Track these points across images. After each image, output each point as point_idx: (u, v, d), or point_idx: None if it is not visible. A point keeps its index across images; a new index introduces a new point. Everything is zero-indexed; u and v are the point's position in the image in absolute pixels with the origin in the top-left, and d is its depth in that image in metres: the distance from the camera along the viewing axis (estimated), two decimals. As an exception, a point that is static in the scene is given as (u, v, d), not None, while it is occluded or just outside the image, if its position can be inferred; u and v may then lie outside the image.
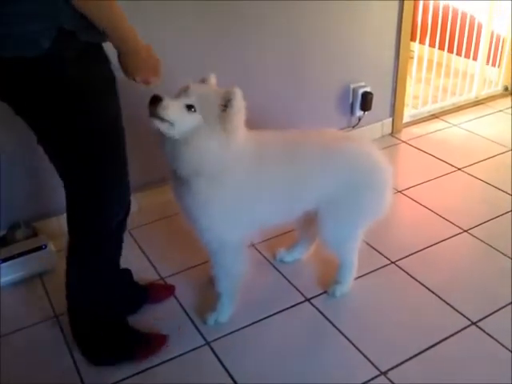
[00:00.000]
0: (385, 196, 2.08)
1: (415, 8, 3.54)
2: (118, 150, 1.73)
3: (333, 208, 2.04)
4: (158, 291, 2.28)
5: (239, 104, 1.74)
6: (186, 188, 1.85)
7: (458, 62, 4.19)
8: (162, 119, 1.71)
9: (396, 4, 3.29)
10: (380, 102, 3.50)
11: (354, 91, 3.36)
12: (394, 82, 3.53)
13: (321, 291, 2.29)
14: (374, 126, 3.58)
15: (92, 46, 1.57)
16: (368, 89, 3.37)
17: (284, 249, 2.48)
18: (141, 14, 2.46)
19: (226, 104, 1.73)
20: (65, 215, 2.10)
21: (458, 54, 4.17)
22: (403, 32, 3.37)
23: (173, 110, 1.71)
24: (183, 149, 1.75)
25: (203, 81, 1.85)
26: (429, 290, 2.29)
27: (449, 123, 3.85)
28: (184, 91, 1.76)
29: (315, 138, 2.04)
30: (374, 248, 2.52)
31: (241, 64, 2.89)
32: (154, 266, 2.47)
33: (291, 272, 2.41)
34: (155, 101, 1.69)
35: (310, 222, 2.19)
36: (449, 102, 4.04)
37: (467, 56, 4.19)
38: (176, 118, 1.71)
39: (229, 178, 1.84)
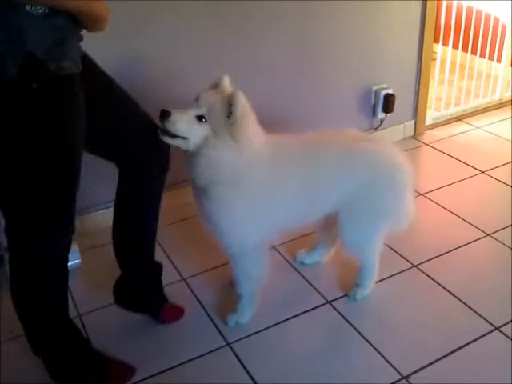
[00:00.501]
0: (405, 198, 2.07)
1: (438, 9, 3.51)
2: (66, 183, 1.62)
3: (353, 210, 2.03)
4: (168, 310, 2.19)
5: (243, 108, 1.70)
6: (205, 194, 1.85)
7: (482, 63, 4.14)
8: (173, 135, 1.71)
9: (419, 5, 3.26)
10: (402, 104, 3.47)
11: (376, 93, 3.35)
12: (416, 84, 3.50)
13: (342, 294, 2.28)
14: (397, 128, 3.56)
15: (62, 77, 1.50)
16: (390, 91, 3.35)
17: (304, 251, 2.48)
18: (154, 15, 2.49)
19: (231, 110, 1.70)
20: (89, 215, 2.12)
21: (482, 55, 4.13)
22: (426, 33, 3.35)
23: (182, 123, 1.70)
24: (197, 160, 1.75)
25: (216, 85, 1.82)
26: (451, 294, 2.27)
27: (472, 126, 3.81)
28: (196, 101, 1.75)
29: (334, 139, 2.03)
30: (395, 251, 2.50)
31: (259, 66, 2.90)
32: (175, 267, 2.49)
33: (312, 274, 2.40)
34: (163, 115, 1.68)
35: (330, 224, 2.19)
36: (472, 104, 3.99)
37: (491, 58, 4.15)
38: (186, 131, 1.71)
39: (247, 182, 1.83)
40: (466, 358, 1.97)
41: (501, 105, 4.09)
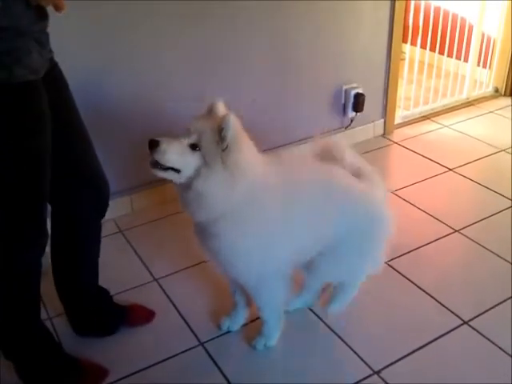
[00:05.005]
0: (383, 245, 1.98)
1: (406, 9, 3.55)
2: (31, 184, 1.57)
3: (340, 249, 1.90)
4: (138, 314, 2.17)
5: (234, 131, 1.54)
6: (207, 231, 1.71)
7: (449, 63, 4.21)
8: (165, 168, 1.58)
9: (387, 5, 3.30)
10: (372, 104, 3.51)
11: (347, 92, 3.38)
12: (385, 83, 3.55)
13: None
14: (366, 127, 3.60)
15: (17, 85, 1.44)
16: (360, 90, 3.38)
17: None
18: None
19: (222, 135, 1.54)
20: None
21: (449, 55, 4.20)
22: (395, 34, 3.39)
23: (172, 153, 1.55)
24: (187, 195, 1.62)
25: (210, 111, 1.66)
26: (421, 289, 2.31)
27: (440, 124, 3.88)
28: (187, 128, 1.60)
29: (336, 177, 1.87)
30: (366, 248, 2.53)
31: (230, 67, 2.90)
32: (146, 267, 2.47)
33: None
34: (151, 146, 1.54)
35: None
36: (440, 103, 4.06)
37: (458, 57, 4.22)
38: (178, 161, 1.56)
39: (250, 213, 1.67)
40: (436, 351, 2.01)
41: (468, 103, 4.17)
